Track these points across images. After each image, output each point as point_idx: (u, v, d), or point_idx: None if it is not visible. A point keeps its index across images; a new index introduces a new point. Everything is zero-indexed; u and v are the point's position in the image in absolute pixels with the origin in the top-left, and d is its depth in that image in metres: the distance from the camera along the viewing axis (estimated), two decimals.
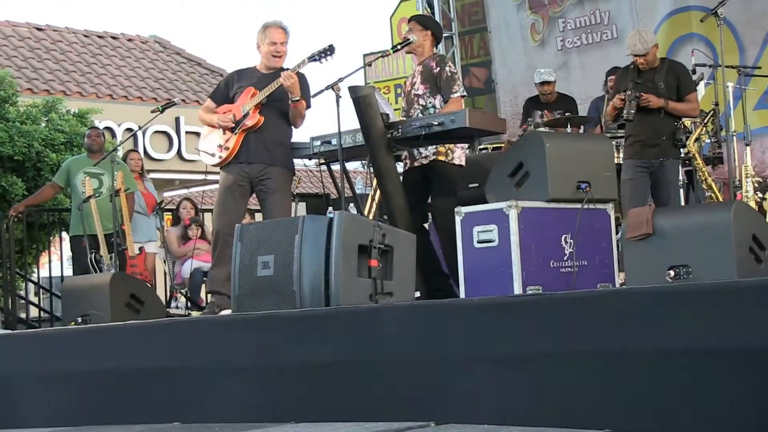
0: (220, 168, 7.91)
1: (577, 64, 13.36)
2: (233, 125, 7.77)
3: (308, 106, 7.85)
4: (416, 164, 7.62)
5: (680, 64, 8.91)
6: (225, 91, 8.10)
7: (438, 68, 7.63)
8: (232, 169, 7.80)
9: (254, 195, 7.92)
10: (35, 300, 14.65)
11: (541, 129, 10.12)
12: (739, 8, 11.29)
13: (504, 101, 14.12)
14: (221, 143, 7.83)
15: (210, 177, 20.29)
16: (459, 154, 7.63)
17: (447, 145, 7.52)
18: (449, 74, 7.60)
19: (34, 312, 14.12)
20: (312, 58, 7.72)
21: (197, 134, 19.20)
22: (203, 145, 8.01)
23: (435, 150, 7.51)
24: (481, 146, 11.11)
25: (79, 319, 7.70)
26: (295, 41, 7.83)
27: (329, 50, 7.68)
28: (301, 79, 7.83)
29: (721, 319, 4.08)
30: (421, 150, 7.51)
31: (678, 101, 8.46)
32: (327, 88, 7.29)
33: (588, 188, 6.37)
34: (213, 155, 7.87)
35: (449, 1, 14.82)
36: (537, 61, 13.19)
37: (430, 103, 7.61)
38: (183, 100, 18.76)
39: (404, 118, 7.59)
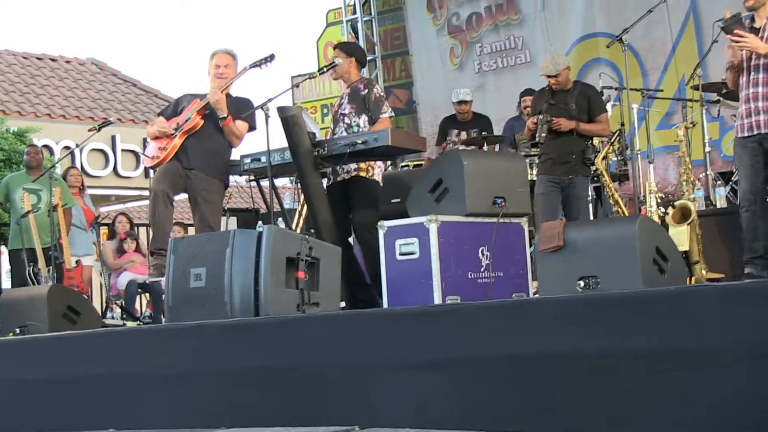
0: (154, 168, 7.84)
1: (492, 86, 13.44)
2: (173, 132, 7.71)
3: (251, 128, 7.78)
4: (339, 179, 7.60)
5: (592, 87, 9.00)
6: (174, 108, 8.00)
7: (366, 90, 7.63)
8: (167, 171, 7.66)
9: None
10: None
11: (460, 147, 10.15)
12: (641, 35, 11.44)
13: (425, 121, 14.16)
14: (161, 146, 7.74)
15: (145, 193, 20.23)
16: (378, 171, 7.63)
17: (368, 163, 7.51)
18: (377, 96, 7.60)
19: None
20: (254, 65, 7.68)
21: (133, 152, 19.18)
22: (148, 151, 7.92)
23: (356, 166, 7.50)
24: (403, 163, 11.16)
25: (17, 330, 7.57)
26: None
27: (270, 58, 7.65)
28: (241, 101, 7.80)
29: (628, 325, 4.12)
30: (344, 166, 7.50)
31: (589, 122, 8.53)
32: (257, 108, 7.25)
33: (503, 203, 6.37)
34: (152, 157, 7.77)
35: (372, 26, 14.86)
36: (456, 83, 13.22)
37: (354, 122, 7.60)
38: (119, 119, 18.60)
39: (330, 138, 7.56)
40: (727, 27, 6.71)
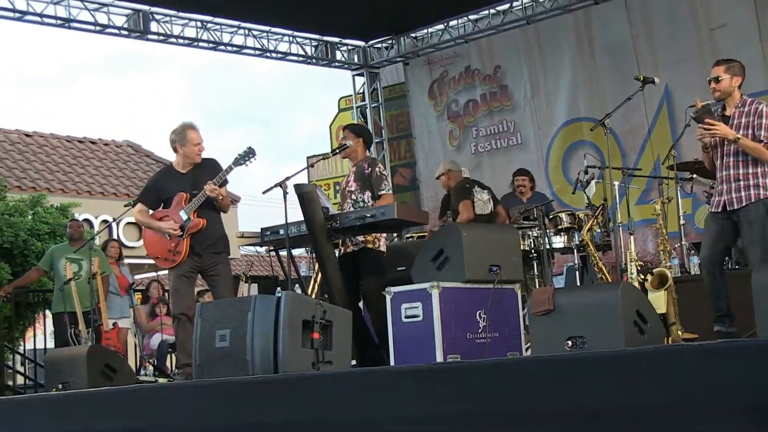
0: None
1: (488, 165, 13.51)
2: (180, 233, 7.73)
3: (222, 183, 7.70)
4: (349, 250, 7.61)
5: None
6: (156, 195, 7.97)
7: (369, 169, 7.67)
8: (185, 262, 7.74)
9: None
10: (21, 369, 14.34)
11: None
12: (621, 120, 11.53)
13: (426, 197, 14.22)
14: (171, 248, 7.74)
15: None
16: (383, 242, 7.66)
17: (374, 235, 7.52)
18: (378, 174, 7.64)
19: (20, 380, 13.81)
20: (237, 163, 7.68)
21: (136, 224, 19.10)
22: (153, 250, 7.88)
23: (363, 239, 7.51)
24: (408, 235, 11.16)
25: (60, 386, 7.55)
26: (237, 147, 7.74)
27: (250, 153, 7.68)
28: (209, 164, 7.83)
29: (612, 381, 4.10)
30: (353, 238, 7.51)
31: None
32: (276, 185, 7.25)
33: (499, 271, 6.36)
34: (166, 260, 7.77)
35: (379, 111, 14.98)
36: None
37: (360, 198, 7.65)
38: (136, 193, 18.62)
39: (341, 211, 7.58)
40: (698, 117, 6.73)
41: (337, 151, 7.93)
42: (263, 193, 7.67)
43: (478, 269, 6.35)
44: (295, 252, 8.23)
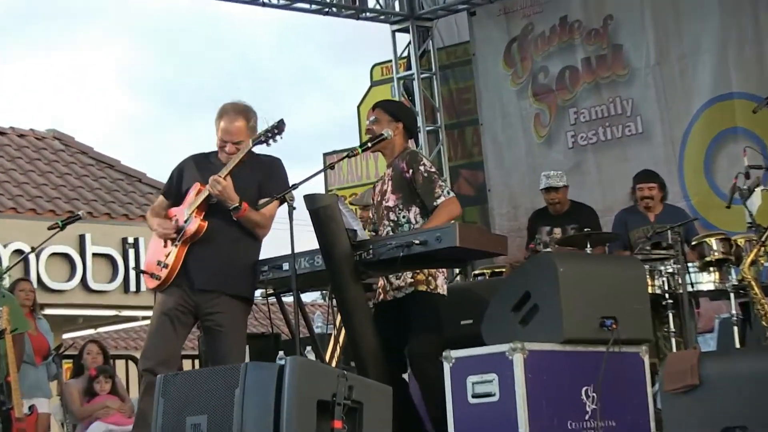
0: (158, 291, 7.77)
1: (593, 165, 13.45)
2: (174, 234, 7.67)
3: (281, 201, 7.50)
4: (388, 296, 7.59)
5: None
6: (178, 183, 7.92)
7: (410, 170, 7.58)
8: (173, 292, 7.64)
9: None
10: None
11: (553, 249, 10.12)
12: None
13: (500, 213, 14.17)
14: (161, 259, 7.70)
15: (124, 313, 20.27)
16: (442, 281, 7.61)
17: (427, 271, 7.49)
18: (425, 174, 7.53)
19: None
20: (257, 141, 7.59)
21: (108, 258, 19.25)
22: (148, 261, 7.90)
23: (412, 277, 7.49)
24: (477, 271, 11.13)
25: None
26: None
27: (277, 128, 7.55)
28: (266, 165, 7.75)
29: None
30: (396, 277, 7.47)
31: None
32: (275, 198, 7.24)
33: (614, 326, 6.38)
34: (152, 276, 7.73)
35: (432, 85, 14.93)
36: (542, 161, 13.29)
37: (403, 217, 7.60)
38: (90, 213, 18.69)
39: (375, 236, 7.55)
40: None
41: (369, 145, 7.86)
42: (256, 209, 7.66)
43: (584, 323, 6.37)
44: (306, 297, 8.20)
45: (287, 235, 7.09)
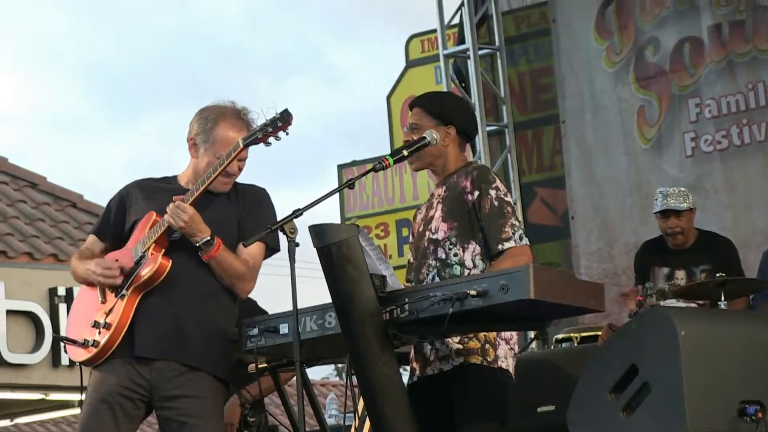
0: (93, 367, 7.76)
1: (721, 179, 13.40)
2: (120, 280, 7.69)
3: (272, 250, 7.75)
4: (430, 371, 7.69)
5: None
6: (118, 217, 7.99)
7: (477, 191, 7.67)
8: (115, 368, 7.66)
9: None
10: None
11: (671, 302, 10.16)
12: None
13: (589, 250, 14.10)
14: (98, 319, 7.70)
15: (53, 397, 20.30)
16: (505, 351, 7.68)
17: (483, 336, 7.59)
18: (496, 203, 7.64)
19: None
20: (251, 139, 7.51)
21: (29, 316, 19.33)
22: (71, 324, 7.95)
23: (463, 345, 7.58)
24: (560, 335, 11.14)
25: None
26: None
27: (281, 120, 7.47)
28: (248, 194, 7.88)
29: None
30: (442, 344, 7.54)
31: None
32: (270, 230, 7.28)
33: (760, 413, 6.39)
34: (84, 343, 7.70)
35: (495, 66, 14.95)
36: (649, 175, 13.26)
37: (455, 255, 7.70)
38: (2, 253, 18.82)
39: (412, 285, 7.60)
40: None
41: (405, 153, 7.89)
42: (244, 245, 7.73)
43: (716, 410, 6.45)
44: (315, 373, 8.28)
45: (286, 282, 7.17)
